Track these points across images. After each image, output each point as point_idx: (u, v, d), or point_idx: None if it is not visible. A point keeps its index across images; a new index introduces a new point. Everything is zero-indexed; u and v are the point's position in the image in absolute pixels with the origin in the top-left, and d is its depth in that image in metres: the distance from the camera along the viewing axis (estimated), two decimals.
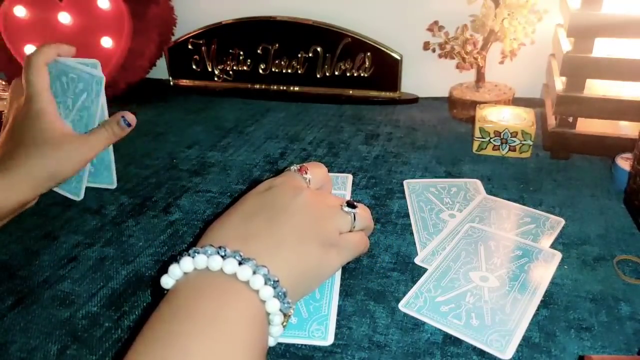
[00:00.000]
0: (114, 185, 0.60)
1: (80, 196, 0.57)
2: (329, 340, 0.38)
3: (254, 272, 0.32)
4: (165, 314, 0.30)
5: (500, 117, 0.66)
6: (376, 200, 0.56)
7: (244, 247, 0.34)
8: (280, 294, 0.33)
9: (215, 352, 0.28)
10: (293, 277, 0.35)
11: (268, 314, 0.33)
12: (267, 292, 0.32)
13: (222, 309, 0.30)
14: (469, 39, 0.73)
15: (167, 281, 0.33)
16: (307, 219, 0.38)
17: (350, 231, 0.42)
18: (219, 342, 0.28)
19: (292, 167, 0.44)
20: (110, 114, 0.61)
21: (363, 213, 0.43)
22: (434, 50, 0.78)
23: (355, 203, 0.42)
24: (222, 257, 0.32)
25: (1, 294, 0.45)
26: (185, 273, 0.33)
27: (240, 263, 0.32)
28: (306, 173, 0.44)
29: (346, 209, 0.41)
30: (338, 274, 0.44)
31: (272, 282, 0.32)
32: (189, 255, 0.33)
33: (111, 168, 0.59)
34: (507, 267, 0.45)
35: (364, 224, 0.43)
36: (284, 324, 0.34)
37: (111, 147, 0.58)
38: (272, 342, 0.35)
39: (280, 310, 0.33)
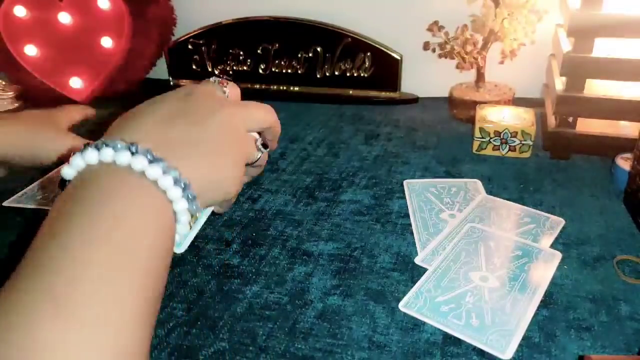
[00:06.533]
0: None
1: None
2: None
3: (164, 172, 0.30)
4: (63, 209, 0.29)
5: (500, 117, 0.66)
6: (376, 200, 0.56)
7: (157, 148, 0.31)
8: (190, 196, 0.31)
9: (116, 254, 0.26)
10: (202, 186, 0.33)
11: (175, 212, 0.31)
12: (175, 192, 0.30)
13: (125, 205, 0.29)
14: (469, 39, 0.73)
15: (68, 172, 0.30)
16: (225, 135, 0.37)
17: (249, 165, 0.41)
18: (121, 246, 0.27)
19: (212, 79, 0.42)
20: (108, 114, 0.61)
21: (265, 158, 0.43)
22: (434, 50, 0.78)
23: (267, 144, 0.42)
24: (132, 153, 0.30)
25: None
26: (88, 165, 0.30)
27: (150, 162, 0.30)
28: (225, 86, 0.42)
29: (260, 146, 0.41)
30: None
31: (182, 184, 0.31)
32: (95, 147, 0.30)
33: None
34: (507, 267, 0.45)
35: (262, 162, 0.43)
36: (191, 224, 0.33)
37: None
38: (178, 239, 0.33)
39: (188, 210, 0.31)
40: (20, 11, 0.83)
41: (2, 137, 0.49)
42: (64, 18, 0.83)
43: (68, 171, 0.30)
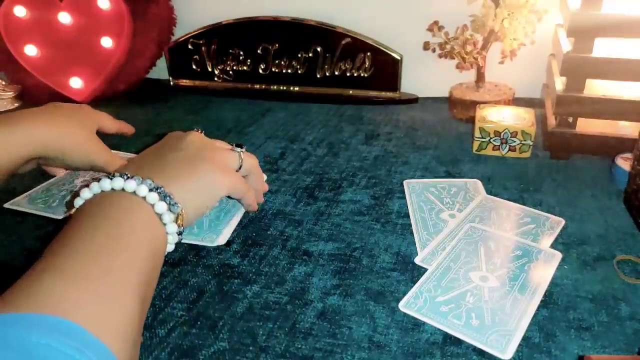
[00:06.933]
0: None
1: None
2: (219, 241, 0.50)
3: (138, 184, 0.37)
4: (80, 216, 0.36)
5: (500, 117, 0.66)
6: (376, 200, 0.56)
7: (133, 172, 0.38)
8: (167, 199, 0.37)
9: (114, 244, 0.33)
10: (183, 192, 0.40)
11: (159, 215, 0.37)
12: (152, 196, 0.37)
13: (119, 214, 0.36)
14: (469, 39, 0.73)
15: (79, 201, 0.38)
16: (195, 150, 0.44)
17: (237, 170, 0.47)
18: (120, 239, 0.33)
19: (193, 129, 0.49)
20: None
21: (250, 158, 0.49)
22: (434, 50, 0.78)
23: (243, 146, 0.49)
24: (110, 179, 0.37)
25: (1, 294, 0.45)
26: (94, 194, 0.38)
27: (126, 179, 0.37)
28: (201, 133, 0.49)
29: (236, 149, 0.48)
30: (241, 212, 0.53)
31: (157, 190, 0.37)
32: (90, 184, 0.38)
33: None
34: (507, 267, 0.45)
35: (250, 164, 0.49)
36: (179, 223, 0.38)
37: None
38: (171, 240, 0.39)
39: (170, 210, 0.37)
40: (20, 11, 0.83)
41: (38, 141, 0.50)
42: (64, 18, 0.83)
43: (79, 201, 0.38)
